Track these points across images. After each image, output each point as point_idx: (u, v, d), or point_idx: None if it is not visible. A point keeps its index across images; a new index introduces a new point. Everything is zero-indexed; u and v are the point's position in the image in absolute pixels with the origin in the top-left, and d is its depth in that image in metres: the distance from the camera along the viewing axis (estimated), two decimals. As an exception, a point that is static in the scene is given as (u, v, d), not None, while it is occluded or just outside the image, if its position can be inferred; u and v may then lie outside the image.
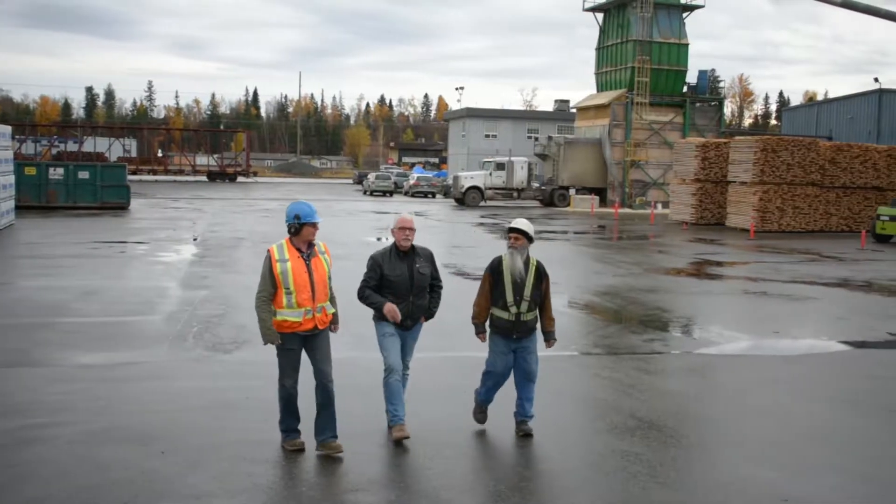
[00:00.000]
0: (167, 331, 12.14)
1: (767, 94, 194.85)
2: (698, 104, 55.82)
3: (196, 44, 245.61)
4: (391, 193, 63.90)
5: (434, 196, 61.38)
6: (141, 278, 17.41)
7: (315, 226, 7.20)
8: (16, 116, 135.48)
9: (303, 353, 7.31)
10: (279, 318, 7.14)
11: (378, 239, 26.86)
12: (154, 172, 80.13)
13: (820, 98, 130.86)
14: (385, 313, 7.58)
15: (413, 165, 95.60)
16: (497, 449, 7.47)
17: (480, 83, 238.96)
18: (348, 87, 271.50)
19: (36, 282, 16.57)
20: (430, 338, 11.30)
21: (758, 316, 15.32)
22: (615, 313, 14.90)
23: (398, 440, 7.42)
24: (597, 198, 51.03)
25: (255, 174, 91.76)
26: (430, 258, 7.94)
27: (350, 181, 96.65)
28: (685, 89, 55.61)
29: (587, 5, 58.04)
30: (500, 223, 36.77)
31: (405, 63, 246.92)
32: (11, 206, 29.06)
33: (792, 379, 10.58)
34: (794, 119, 70.60)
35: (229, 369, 10.13)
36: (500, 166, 52.70)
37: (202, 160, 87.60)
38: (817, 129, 62.28)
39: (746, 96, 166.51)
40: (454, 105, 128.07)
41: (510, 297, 7.76)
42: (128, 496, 6.24)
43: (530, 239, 7.90)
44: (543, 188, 53.99)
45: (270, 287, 7.13)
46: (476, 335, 7.95)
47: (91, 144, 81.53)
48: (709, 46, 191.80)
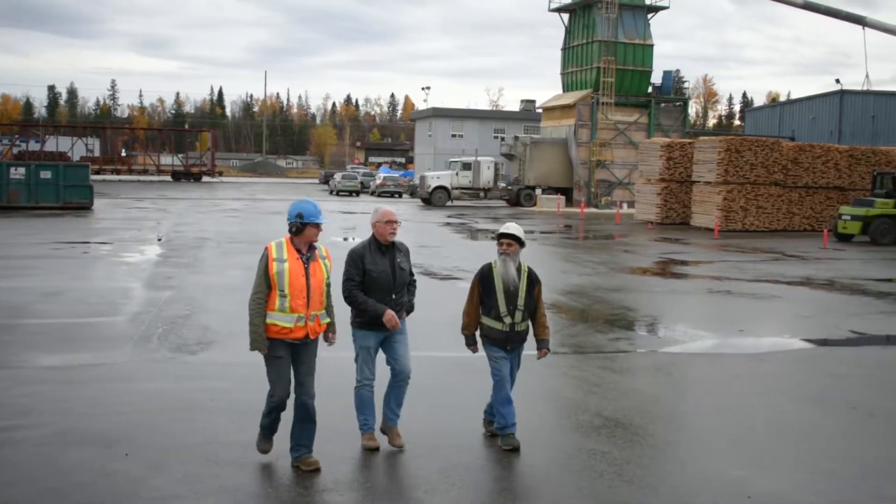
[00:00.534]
0: (131, 332, 12.02)
1: (731, 95, 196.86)
2: (663, 104, 56.23)
3: (160, 42, 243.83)
4: (358, 193, 63.77)
5: (401, 196, 61.37)
6: (105, 279, 17.24)
7: (318, 227, 6.85)
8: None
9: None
10: (268, 321, 6.71)
11: (345, 239, 26.77)
12: (118, 172, 79.40)
13: (783, 99, 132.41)
14: (385, 322, 7.25)
15: (380, 165, 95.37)
16: (465, 449, 7.46)
17: (447, 83, 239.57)
18: (314, 87, 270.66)
19: (-3, 283, 16.35)
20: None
21: (722, 314, 15.45)
22: (581, 312, 14.96)
23: (368, 449, 7.33)
24: (563, 197, 51.23)
25: (221, 174, 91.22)
26: (408, 253, 7.63)
27: (316, 181, 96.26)
28: (650, 90, 55.98)
29: (553, 6, 58.27)
30: (467, 223, 36.83)
31: (371, 62, 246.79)
32: (-28, 207, 28.67)
33: (756, 376, 10.68)
34: (758, 119, 71.30)
35: (194, 371, 10.05)
36: (467, 166, 52.79)
37: (167, 160, 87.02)
38: (780, 130, 62.95)
39: (710, 97, 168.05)
40: (421, 105, 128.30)
41: (503, 308, 7.43)
42: (91, 499, 6.18)
43: (522, 244, 7.55)
44: (510, 188, 54.12)
45: (266, 287, 6.72)
46: (467, 347, 7.67)
47: (53, 144, 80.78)
48: (673, 47, 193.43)
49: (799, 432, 8.27)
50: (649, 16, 55.81)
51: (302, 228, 6.79)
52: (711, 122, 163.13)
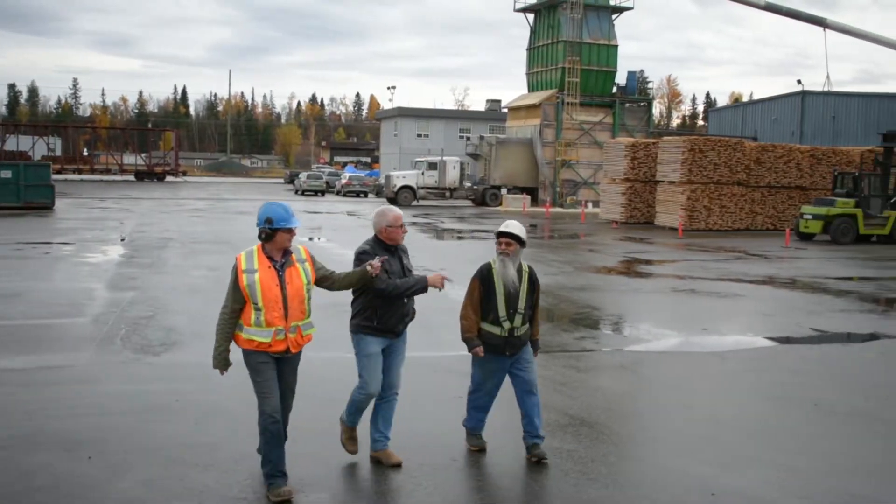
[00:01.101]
0: (94, 333, 11.88)
1: (695, 95, 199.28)
2: (627, 105, 56.59)
3: (122, 41, 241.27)
4: (323, 193, 63.63)
5: (366, 195, 61.32)
6: (67, 280, 17.03)
7: (291, 231, 6.22)
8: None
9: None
10: (246, 337, 6.21)
11: (311, 239, 26.65)
12: (80, 172, 78.51)
13: (745, 99, 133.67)
14: (434, 282, 6.83)
15: (345, 165, 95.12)
16: (429, 449, 7.45)
17: (412, 83, 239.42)
18: (279, 86, 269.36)
19: (-44, 284, 16.11)
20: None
21: (686, 313, 15.57)
22: (547, 312, 15.01)
23: (348, 451, 7.07)
24: (528, 197, 51.39)
25: (185, 173, 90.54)
26: (407, 253, 7.23)
27: (281, 181, 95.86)
28: (615, 90, 56.33)
29: (518, 6, 58.47)
30: (433, 223, 36.83)
31: (337, 62, 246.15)
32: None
33: (720, 374, 10.78)
34: (721, 120, 71.85)
35: (158, 372, 9.96)
36: (433, 166, 52.84)
37: (129, 159, 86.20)
38: (743, 130, 63.48)
39: (674, 97, 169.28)
40: (386, 104, 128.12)
41: (502, 311, 6.97)
42: (53, 503, 6.10)
43: (522, 244, 7.09)
44: (475, 188, 54.21)
45: (234, 302, 6.18)
46: (470, 351, 7.12)
47: (14, 143, 79.59)
48: (637, 48, 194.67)
49: (762, 429, 8.35)
50: (614, 16, 56.17)
51: (272, 234, 6.20)
52: (675, 123, 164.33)
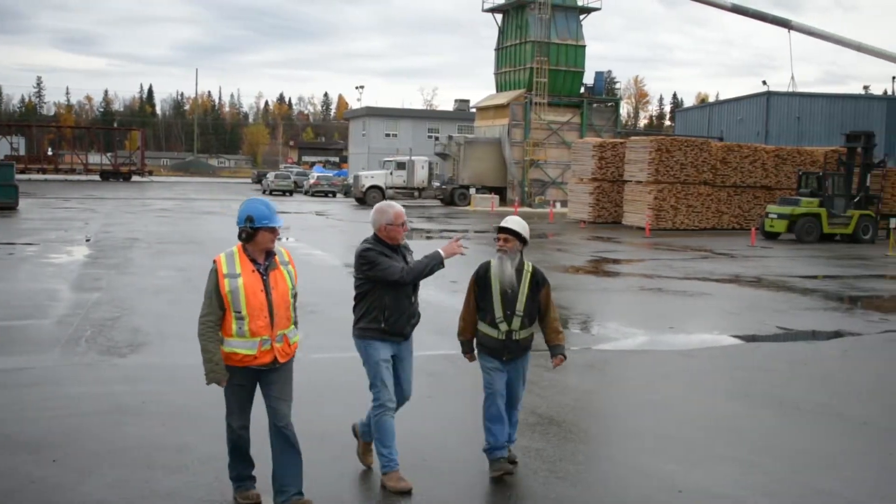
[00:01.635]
0: (59, 335, 11.74)
1: (662, 96, 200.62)
2: (595, 105, 56.91)
3: (86, 39, 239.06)
4: (291, 193, 63.35)
5: (334, 195, 61.16)
6: (30, 280, 16.82)
7: (274, 231, 5.81)
8: None
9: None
10: (227, 350, 5.70)
11: (279, 239, 26.47)
12: (44, 171, 77.55)
13: (711, 100, 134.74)
14: (451, 251, 6.41)
15: (313, 164, 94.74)
16: (399, 448, 7.43)
17: (381, 82, 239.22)
18: (246, 85, 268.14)
19: (-83, 285, 15.86)
20: (332, 337, 11.25)
21: (654, 312, 15.66)
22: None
23: (398, 492, 6.31)
24: (497, 197, 51.48)
25: (151, 173, 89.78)
26: (411, 252, 6.73)
27: (249, 180, 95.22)
28: (582, 90, 56.64)
29: (486, 6, 58.61)
30: (402, 222, 36.70)
31: (305, 61, 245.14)
32: None
33: (687, 372, 10.85)
34: (687, 120, 72.41)
35: (124, 374, 9.85)
36: (401, 165, 52.86)
37: (95, 159, 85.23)
38: (709, 130, 64.00)
39: (641, 97, 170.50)
40: (354, 104, 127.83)
41: (499, 312, 6.66)
42: (17, 506, 6.03)
43: (524, 241, 6.71)
44: (444, 187, 54.24)
45: (218, 309, 5.68)
46: (463, 354, 6.95)
47: (-24, 142, 78.51)
48: (605, 48, 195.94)
49: (729, 427, 8.41)
50: (581, 17, 56.48)
51: (253, 234, 5.78)
52: (643, 123, 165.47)
